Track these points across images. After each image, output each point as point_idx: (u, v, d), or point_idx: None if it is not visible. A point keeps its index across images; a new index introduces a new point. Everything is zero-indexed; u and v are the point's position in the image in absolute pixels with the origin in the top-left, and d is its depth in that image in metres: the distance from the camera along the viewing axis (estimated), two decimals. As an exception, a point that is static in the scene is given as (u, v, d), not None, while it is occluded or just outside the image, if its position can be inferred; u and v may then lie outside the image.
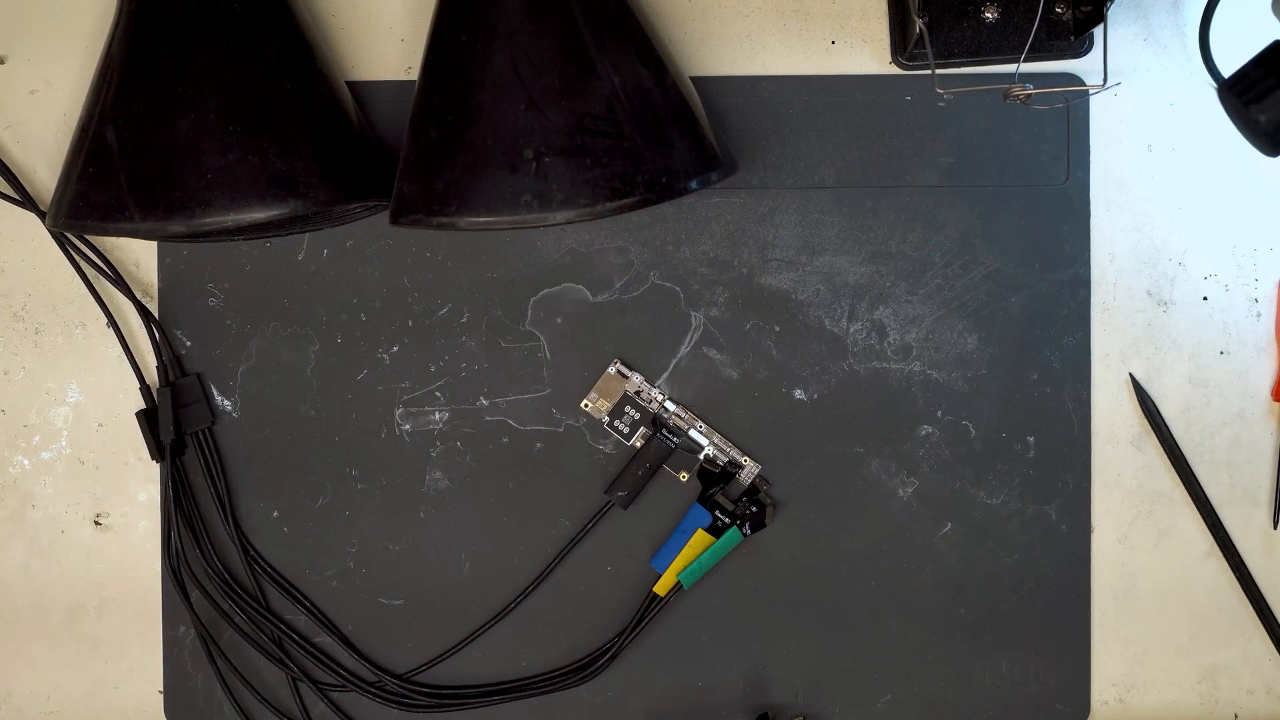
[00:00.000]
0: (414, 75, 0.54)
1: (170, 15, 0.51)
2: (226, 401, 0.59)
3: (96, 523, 0.60)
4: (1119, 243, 0.59)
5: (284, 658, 0.59)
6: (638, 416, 0.59)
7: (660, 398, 0.58)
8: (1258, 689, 0.59)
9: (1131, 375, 0.59)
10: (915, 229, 0.59)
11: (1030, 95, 0.52)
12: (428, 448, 0.59)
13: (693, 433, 0.58)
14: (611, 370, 0.58)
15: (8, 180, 0.59)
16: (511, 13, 0.49)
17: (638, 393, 0.58)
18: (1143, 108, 0.58)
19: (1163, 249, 0.59)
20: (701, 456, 0.59)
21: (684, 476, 0.59)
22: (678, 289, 0.59)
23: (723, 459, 0.59)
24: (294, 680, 0.59)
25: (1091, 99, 0.58)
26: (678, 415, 0.59)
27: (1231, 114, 0.49)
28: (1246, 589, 0.58)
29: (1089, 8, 0.54)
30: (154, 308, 0.59)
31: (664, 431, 0.58)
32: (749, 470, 0.59)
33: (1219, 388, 0.59)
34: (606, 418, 0.59)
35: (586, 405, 0.59)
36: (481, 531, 0.59)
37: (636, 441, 0.59)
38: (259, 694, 0.59)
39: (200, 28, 0.51)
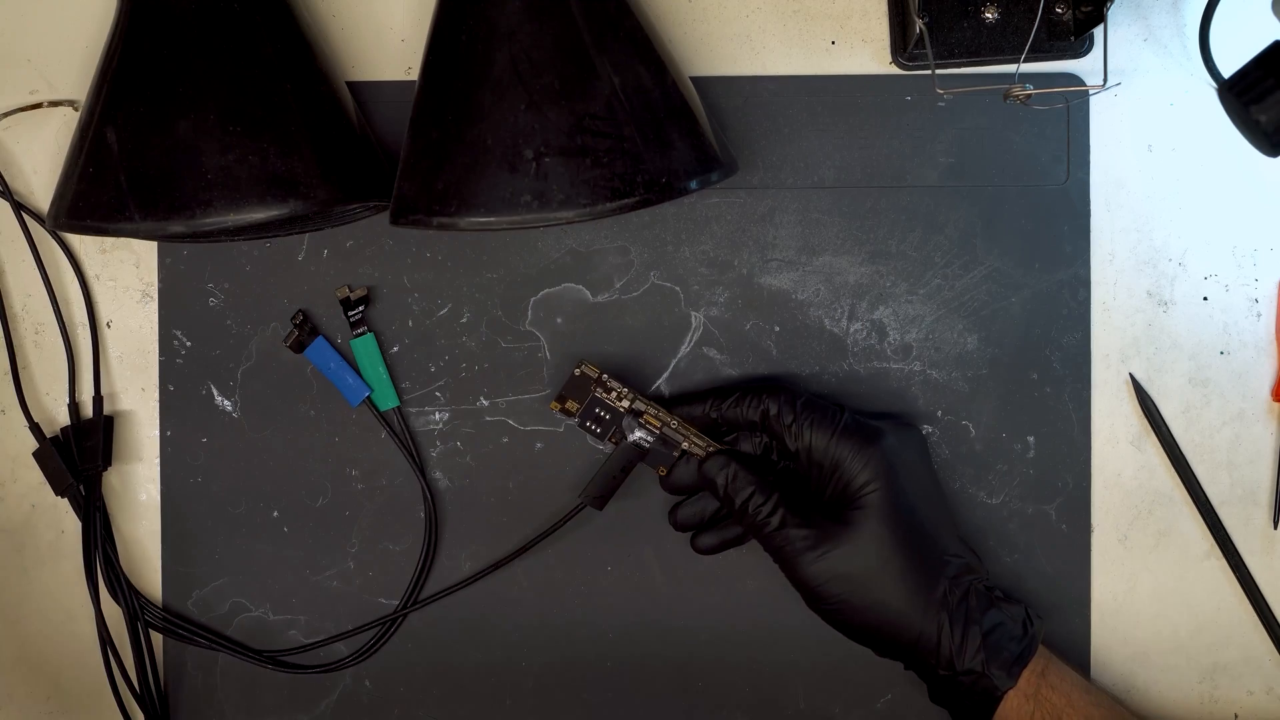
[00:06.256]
0: (414, 75, 0.54)
1: (170, 15, 0.51)
2: (226, 401, 0.59)
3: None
4: (1119, 243, 0.59)
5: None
6: (608, 417, 0.57)
7: (628, 398, 0.56)
8: (1258, 689, 0.59)
9: (1131, 375, 0.59)
10: (915, 229, 0.58)
11: (1030, 95, 0.52)
12: (428, 448, 0.59)
13: (667, 431, 0.56)
14: (577, 372, 0.57)
15: (7, 180, 0.59)
16: (511, 13, 0.49)
17: (608, 392, 0.57)
18: (1143, 108, 0.58)
19: (1163, 249, 0.59)
20: (677, 453, 0.56)
21: (662, 471, 0.57)
22: (678, 289, 0.59)
23: (699, 450, 0.56)
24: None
25: (1091, 99, 0.58)
26: (651, 413, 0.56)
27: (1231, 114, 0.49)
28: (1246, 589, 0.58)
29: (1089, 8, 0.54)
30: (154, 308, 0.59)
31: (637, 432, 0.56)
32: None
33: (1219, 388, 0.59)
34: (577, 420, 0.57)
35: (555, 408, 0.57)
36: (481, 531, 0.59)
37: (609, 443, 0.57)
38: (258, 695, 0.59)
39: (200, 28, 0.51)
